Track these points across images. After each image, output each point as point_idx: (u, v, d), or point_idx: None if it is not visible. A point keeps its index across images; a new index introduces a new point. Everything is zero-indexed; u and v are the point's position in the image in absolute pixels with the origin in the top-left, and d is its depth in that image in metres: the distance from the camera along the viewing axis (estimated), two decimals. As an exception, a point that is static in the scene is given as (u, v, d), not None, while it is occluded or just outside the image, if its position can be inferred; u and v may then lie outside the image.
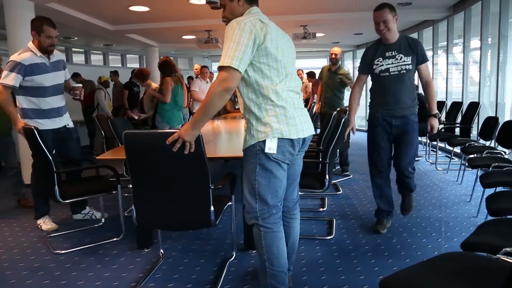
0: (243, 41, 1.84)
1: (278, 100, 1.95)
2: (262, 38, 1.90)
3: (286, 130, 1.95)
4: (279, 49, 1.98)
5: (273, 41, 1.95)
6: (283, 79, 1.99)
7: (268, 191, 2.00)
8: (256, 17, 1.97)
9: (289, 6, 6.30)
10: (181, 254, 2.91)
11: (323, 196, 4.27)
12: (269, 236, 2.02)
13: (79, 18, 6.23)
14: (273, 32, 1.98)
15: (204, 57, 13.21)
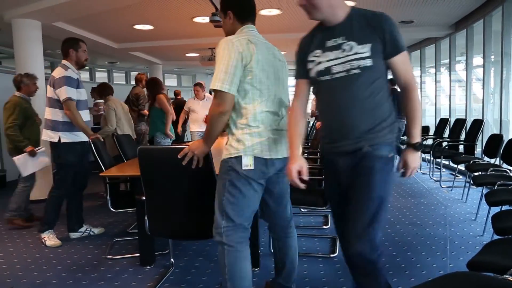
0: (232, 62, 1.90)
1: (255, 121, 1.98)
2: (249, 58, 1.94)
3: (258, 148, 1.97)
4: (265, 70, 2.02)
5: (260, 62, 1.98)
6: (264, 100, 2.01)
7: (235, 209, 1.97)
8: (245, 36, 2.02)
9: (292, 24, 6.38)
10: (192, 259, 2.90)
11: (326, 213, 4.24)
12: (232, 256, 1.98)
13: (84, 37, 6.32)
14: (262, 52, 2.01)
15: (207, 74, 13.33)
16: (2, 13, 4.96)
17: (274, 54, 2.14)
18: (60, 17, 5.28)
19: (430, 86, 8.21)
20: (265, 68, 2.02)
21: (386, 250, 3.19)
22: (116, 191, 3.36)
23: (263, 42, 2.10)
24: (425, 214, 4.19)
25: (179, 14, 5.55)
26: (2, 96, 6.59)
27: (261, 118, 1.99)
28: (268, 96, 2.03)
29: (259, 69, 1.98)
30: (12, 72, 5.78)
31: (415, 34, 7.18)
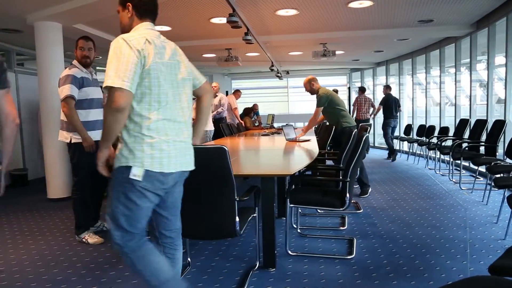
0: (132, 60, 1.75)
1: (149, 130, 1.83)
2: (147, 59, 1.80)
3: (148, 161, 1.82)
4: (164, 73, 1.87)
5: (158, 64, 1.85)
6: (161, 107, 1.86)
7: (129, 221, 1.87)
8: (143, 34, 1.86)
9: (309, 25, 6.36)
10: (208, 259, 2.92)
11: (343, 214, 4.21)
12: (141, 259, 1.93)
13: (104, 38, 6.42)
14: (161, 53, 1.88)
15: (224, 74, 13.38)
16: (25, 16, 5.08)
17: (174, 55, 1.99)
18: (81, 19, 5.37)
19: (449, 86, 8.06)
20: (164, 71, 1.88)
21: (404, 252, 3.15)
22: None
23: (163, 42, 1.96)
24: (444, 216, 4.12)
25: (196, 15, 5.58)
26: (25, 96, 6.76)
27: (156, 127, 1.84)
28: (166, 102, 1.87)
29: (157, 72, 1.83)
30: (34, 73, 5.91)
31: (435, 33, 7.06)
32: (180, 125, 1.94)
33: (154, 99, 1.83)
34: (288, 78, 13.01)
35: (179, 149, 1.92)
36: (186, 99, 2.01)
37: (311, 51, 7.75)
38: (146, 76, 1.80)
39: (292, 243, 3.38)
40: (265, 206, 2.81)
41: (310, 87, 5.23)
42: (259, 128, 9.24)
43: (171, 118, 1.89)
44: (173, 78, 1.93)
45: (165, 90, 1.87)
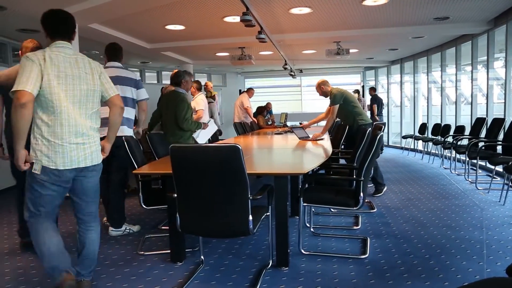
0: (33, 72, 2.14)
1: (48, 133, 2.23)
2: (44, 71, 2.18)
3: (45, 160, 2.23)
4: (61, 84, 2.24)
5: (52, 75, 2.21)
6: (58, 114, 2.23)
7: (35, 205, 2.33)
8: (44, 52, 2.25)
9: (323, 23, 6.32)
10: (222, 257, 2.93)
11: (357, 214, 4.18)
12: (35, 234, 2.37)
13: (118, 38, 6.48)
14: (58, 68, 2.24)
15: (238, 73, 13.39)
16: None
17: (82, 68, 2.35)
18: (96, 19, 5.43)
19: (465, 85, 7.93)
20: (61, 82, 2.24)
21: (419, 253, 3.11)
22: (148, 188, 3.43)
23: (72, 56, 2.34)
24: (460, 216, 4.06)
25: (210, 14, 5.60)
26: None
27: (53, 131, 2.23)
28: (61, 110, 2.24)
29: (54, 83, 2.20)
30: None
31: (451, 30, 6.95)
32: (77, 128, 2.31)
33: (50, 105, 2.21)
34: (302, 76, 12.96)
35: (74, 150, 2.30)
36: (89, 107, 2.38)
37: (324, 49, 7.70)
38: (46, 86, 2.19)
39: (305, 242, 3.38)
40: (279, 205, 2.81)
41: (321, 90, 5.23)
42: (272, 127, 9.23)
43: (67, 123, 2.27)
44: (73, 88, 2.30)
45: (61, 98, 2.24)
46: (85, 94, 2.34)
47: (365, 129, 3.88)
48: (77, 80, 2.31)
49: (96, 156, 2.44)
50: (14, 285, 2.75)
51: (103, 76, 2.49)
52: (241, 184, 2.33)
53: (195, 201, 2.47)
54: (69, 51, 2.36)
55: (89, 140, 2.38)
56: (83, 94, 2.33)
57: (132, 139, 3.41)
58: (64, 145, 2.26)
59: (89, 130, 2.37)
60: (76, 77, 2.31)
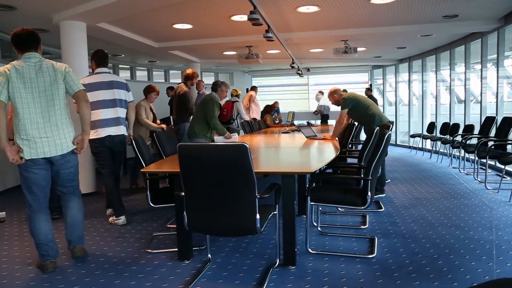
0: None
1: (20, 131, 2.76)
2: (9, 80, 2.71)
3: (22, 151, 2.77)
4: (27, 88, 2.75)
5: (19, 82, 2.73)
6: (22, 113, 2.74)
7: (26, 188, 2.88)
8: (11, 64, 2.78)
9: (330, 21, 6.29)
10: (229, 256, 2.94)
11: (364, 213, 4.16)
12: (30, 221, 2.91)
13: (126, 37, 6.52)
14: (22, 74, 2.75)
15: (245, 72, 13.39)
16: (51, 16, 5.20)
17: (44, 73, 2.81)
18: (104, 18, 5.46)
19: (475, 83, 7.86)
20: (27, 86, 2.75)
21: (427, 252, 3.09)
22: (155, 187, 3.45)
23: (32, 65, 2.80)
24: (469, 216, 4.02)
25: (218, 13, 5.60)
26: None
27: (23, 128, 2.75)
28: (23, 109, 2.74)
29: (18, 88, 2.72)
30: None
31: (460, 28, 6.88)
32: (41, 124, 2.79)
33: (19, 107, 2.73)
34: (309, 75, 12.93)
35: (39, 143, 2.79)
36: (51, 104, 2.82)
37: (332, 48, 7.67)
38: (14, 91, 2.71)
39: (312, 241, 3.37)
40: (286, 203, 2.80)
41: (334, 99, 5.22)
42: (279, 126, 9.23)
43: (31, 120, 2.77)
44: (37, 90, 2.78)
45: (24, 100, 2.74)
46: (46, 95, 2.80)
47: (373, 128, 3.86)
48: (42, 85, 2.79)
49: (58, 148, 2.87)
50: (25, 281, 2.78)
51: (67, 76, 2.91)
52: (248, 182, 2.33)
53: (203, 199, 2.48)
54: (35, 60, 2.83)
55: (54, 135, 2.85)
56: (44, 94, 2.80)
57: (140, 138, 3.43)
58: (30, 140, 2.78)
59: (53, 125, 2.84)
60: (42, 83, 2.80)
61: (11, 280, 2.80)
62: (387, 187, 5.36)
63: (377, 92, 12.77)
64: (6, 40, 6.27)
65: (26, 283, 2.75)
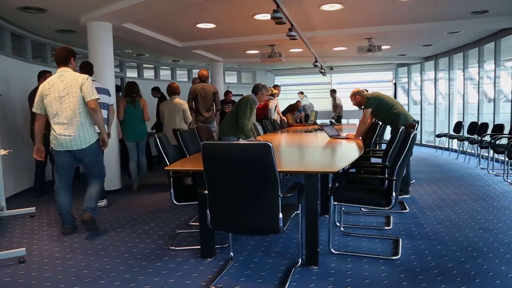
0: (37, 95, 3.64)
1: (53, 130, 3.60)
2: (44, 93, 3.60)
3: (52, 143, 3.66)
4: (50, 97, 3.56)
5: (49, 95, 3.57)
6: (53, 116, 3.58)
7: (56, 169, 3.79)
8: (47, 80, 3.68)
9: (354, 19, 6.21)
10: (251, 254, 2.95)
11: (388, 214, 4.10)
12: (55, 194, 3.77)
13: (150, 37, 6.61)
14: (51, 86, 3.58)
15: (267, 71, 13.37)
16: (79, 17, 5.33)
17: (67, 84, 3.57)
18: (129, 19, 5.56)
19: (505, 81, 7.60)
20: (56, 96, 3.55)
21: (453, 255, 3.02)
22: (179, 184, 3.48)
23: (58, 76, 3.61)
24: (498, 219, 3.90)
25: (241, 12, 5.61)
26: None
27: (53, 127, 3.60)
28: (52, 113, 3.59)
29: (46, 99, 3.57)
30: (86, 71, 6.19)
31: (490, 25, 6.68)
32: (64, 125, 3.58)
33: (49, 112, 3.61)
34: (332, 74, 12.80)
35: (62, 139, 3.59)
36: (73, 109, 3.57)
37: (355, 46, 7.57)
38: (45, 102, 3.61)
39: (335, 241, 3.34)
40: (309, 203, 2.79)
41: (356, 100, 5.16)
42: (301, 125, 9.18)
43: (58, 122, 3.58)
44: (58, 98, 3.56)
45: (52, 106, 3.57)
46: (60, 107, 3.56)
47: (398, 127, 3.79)
48: (62, 94, 3.56)
49: (76, 144, 3.62)
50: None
51: (83, 86, 3.58)
52: (271, 181, 2.33)
53: (226, 197, 2.49)
54: (62, 74, 3.62)
55: (73, 133, 3.59)
56: (61, 107, 3.56)
57: (164, 136, 3.48)
58: (56, 136, 3.59)
59: (72, 126, 3.58)
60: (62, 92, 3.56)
61: (41, 273, 2.89)
62: (412, 187, 5.26)
63: (402, 91, 12.54)
64: (37, 41, 6.46)
65: (55, 276, 2.83)
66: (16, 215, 4.41)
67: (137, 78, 9.55)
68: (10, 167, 5.28)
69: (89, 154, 3.69)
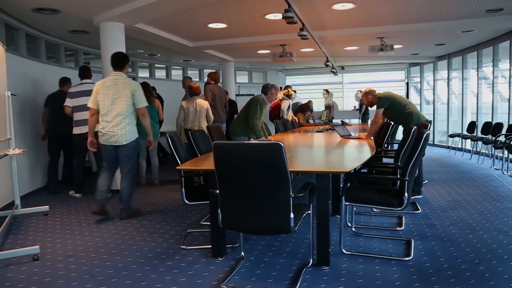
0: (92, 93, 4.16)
1: (102, 127, 4.09)
2: (96, 91, 4.09)
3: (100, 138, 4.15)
4: (101, 95, 4.05)
5: (102, 93, 4.06)
6: (103, 114, 4.06)
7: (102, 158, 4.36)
8: (102, 80, 4.23)
9: (366, 18, 6.17)
10: (262, 254, 2.95)
11: (400, 214, 4.06)
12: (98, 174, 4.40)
13: (162, 37, 6.65)
14: (102, 86, 4.09)
15: (278, 71, 13.35)
16: (92, 18, 5.39)
17: (118, 87, 4.07)
18: (141, 19, 5.59)
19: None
20: (102, 94, 4.05)
21: (467, 257, 2.98)
22: (190, 184, 3.50)
23: (113, 79, 4.11)
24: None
25: (252, 12, 5.61)
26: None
27: (101, 124, 4.09)
28: (103, 111, 4.07)
29: (100, 97, 4.06)
30: (99, 71, 6.26)
31: (505, 23, 6.56)
32: (111, 123, 4.05)
33: (100, 109, 4.09)
34: (343, 73, 12.73)
35: (109, 134, 4.07)
36: (119, 109, 4.05)
37: (367, 45, 7.52)
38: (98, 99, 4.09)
39: (347, 242, 3.32)
40: (320, 203, 2.78)
41: (367, 100, 5.10)
42: (313, 125, 9.15)
43: (107, 120, 4.07)
44: (111, 98, 4.04)
45: (103, 105, 4.06)
46: (111, 106, 4.04)
47: (410, 128, 3.75)
48: (108, 98, 4.04)
49: (119, 140, 4.07)
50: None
51: (136, 93, 4.11)
52: (283, 181, 2.32)
53: (237, 197, 2.50)
54: (116, 77, 4.12)
55: (118, 130, 4.06)
56: (111, 106, 4.04)
57: (175, 136, 3.50)
58: (104, 131, 4.08)
59: (118, 124, 4.05)
60: (108, 96, 4.05)
61: (54, 270, 2.93)
62: (425, 188, 5.21)
63: (414, 91, 12.41)
64: (50, 42, 6.55)
65: (68, 274, 2.87)
66: (30, 213, 4.48)
67: (149, 78, 9.62)
68: (24, 166, 5.36)
69: (126, 150, 4.11)
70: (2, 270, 2.95)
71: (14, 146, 4.28)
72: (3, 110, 4.10)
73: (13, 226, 4.08)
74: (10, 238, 3.72)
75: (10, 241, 3.63)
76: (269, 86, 5.19)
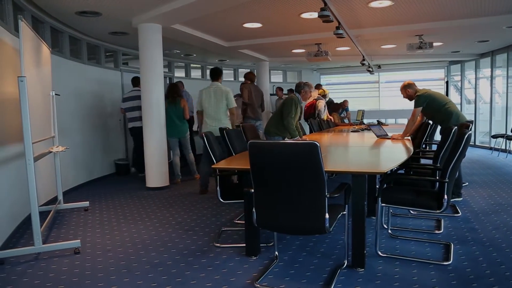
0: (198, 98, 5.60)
1: (206, 122, 5.41)
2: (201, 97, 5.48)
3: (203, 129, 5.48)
4: (205, 100, 5.40)
5: (205, 99, 5.42)
6: (205, 113, 5.41)
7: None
8: (205, 88, 5.51)
9: (404, 16, 6.00)
10: (296, 254, 2.94)
11: (438, 217, 3.93)
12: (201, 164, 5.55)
13: (198, 37, 6.75)
14: (206, 92, 5.43)
15: (313, 70, 13.25)
16: (130, 20, 5.55)
17: (216, 92, 5.38)
18: (178, 20, 5.71)
19: None
20: (206, 99, 5.40)
21: (489, 256, 2.86)
22: (225, 183, 3.53)
23: (213, 87, 5.41)
24: (562, 226, 3.63)
25: (287, 11, 5.60)
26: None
27: (205, 120, 5.41)
28: (206, 111, 5.41)
29: (204, 102, 5.40)
30: (137, 71, 6.43)
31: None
32: (211, 119, 5.33)
33: (204, 112, 5.46)
34: (380, 72, 12.47)
35: (209, 127, 5.26)
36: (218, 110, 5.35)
37: (405, 43, 7.32)
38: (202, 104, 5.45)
39: (382, 244, 3.26)
40: (356, 204, 2.74)
41: (406, 93, 4.96)
42: (348, 125, 9.02)
43: (209, 118, 5.37)
44: (213, 101, 5.35)
45: (206, 107, 5.39)
46: (211, 107, 5.38)
47: (451, 128, 3.62)
48: (209, 101, 5.39)
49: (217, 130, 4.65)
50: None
51: (227, 96, 5.38)
52: (318, 181, 2.31)
53: (272, 196, 2.50)
54: (214, 86, 5.43)
55: (216, 124, 5.23)
56: (214, 104, 5.37)
57: (211, 135, 3.54)
58: (207, 124, 5.36)
59: (217, 120, 5.32)
60: (211, 100, 5.39)
61: (94, 264, 3.04)
62: (465, 190, 5.02)
63: (454, 90, 11.97)
64: (92, 43, 6.80)
65: (107, 267, 2.97)
66: (72, 208, 4.68)
67: (185, 77, 9.79)
68: (67, 163, 5.60)
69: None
70: (47, 262, 3.10)
71: (58, 143, 4.48)
72: (48, 110, 4.30)
73: (56, 220, 4.28)
74: (53, 232, 3.90)
75: (54, 235, 3.80)
76: (302, 85, 5.19)
